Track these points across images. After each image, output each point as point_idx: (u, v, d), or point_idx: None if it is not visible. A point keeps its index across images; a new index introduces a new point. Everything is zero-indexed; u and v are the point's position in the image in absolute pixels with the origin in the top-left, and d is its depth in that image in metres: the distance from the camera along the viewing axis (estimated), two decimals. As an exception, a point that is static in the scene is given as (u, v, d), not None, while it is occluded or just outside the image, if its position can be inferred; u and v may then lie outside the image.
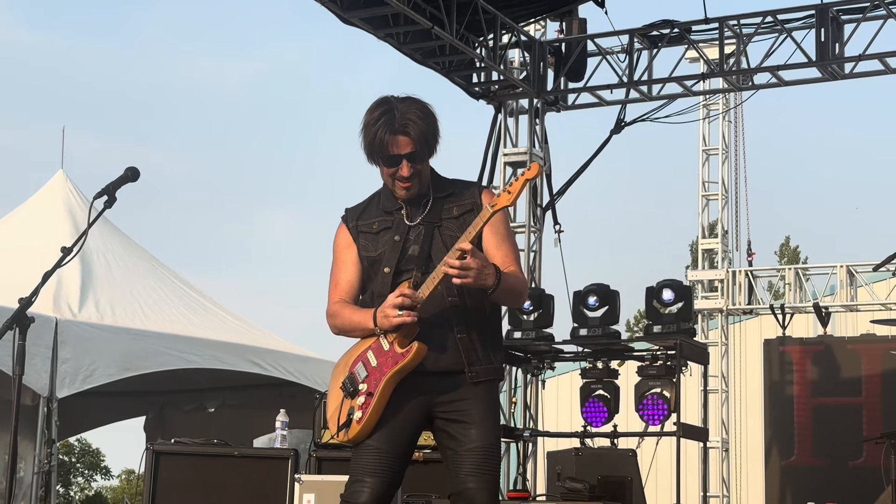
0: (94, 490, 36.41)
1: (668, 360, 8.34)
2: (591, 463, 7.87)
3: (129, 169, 4.31)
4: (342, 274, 4.14)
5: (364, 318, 4.00)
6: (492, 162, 11.21)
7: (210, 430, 10.06)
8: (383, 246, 4.07)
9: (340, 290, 4.13)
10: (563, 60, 11.29)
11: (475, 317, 4.02)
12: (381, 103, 4.02)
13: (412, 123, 3.97)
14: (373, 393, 3.93)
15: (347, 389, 4.00)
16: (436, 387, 3.98)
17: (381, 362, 3.95)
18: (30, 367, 8.57)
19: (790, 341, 11.87)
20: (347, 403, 3.99)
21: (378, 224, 4.11)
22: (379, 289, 4.03)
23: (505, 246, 4.05)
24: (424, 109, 4.02)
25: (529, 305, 8.92)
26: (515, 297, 4.12)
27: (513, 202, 3.88)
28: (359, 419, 3.94)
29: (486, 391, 4.02)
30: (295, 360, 11.00)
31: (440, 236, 4.03)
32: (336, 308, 4.11)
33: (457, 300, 3.98)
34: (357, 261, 4.12)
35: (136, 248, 11.49)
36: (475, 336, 4.01)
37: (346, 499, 3.94)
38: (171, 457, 7.12)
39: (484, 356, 4.02)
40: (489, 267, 3.90)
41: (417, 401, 3.97)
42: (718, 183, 14.17)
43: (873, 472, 8.21)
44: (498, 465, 4.02)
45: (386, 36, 10.23)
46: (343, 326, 4.10)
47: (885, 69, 10.46)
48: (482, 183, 11.11)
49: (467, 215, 4.04)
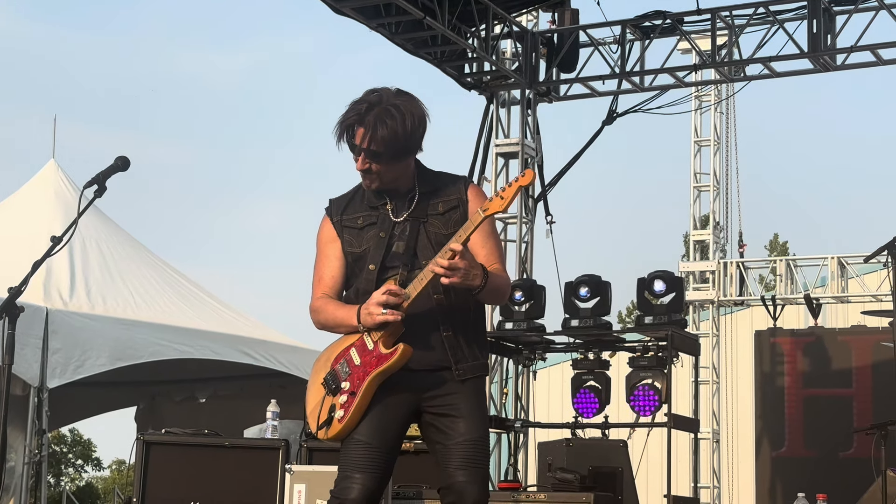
0: (85, 481, 36.38)
1: (659, 352, 8.35)
2: (582, 454, 7.88)
3: (119, 158, 4.29)
4: (326, 269, 4.10)
5: (348, 314, 3.98)
6: (483, 152, 11.21)
7: (201, 421, 10.05)
8: (368, 242, 4.04)
9: (324, 284, 4.09)
10: (555, 51, 11.28)
11: (460, 315, 4.00)
12: (371, 92, 3.98)
13: (383, 123, 3.90)
14: (356, 392, 3.91)
15: (329, 386, 3.97)
16: (423, 383, 3.96)
17: (365, 361, 3.93)
18: (20, 357, 8.59)
19: (781, 333, 11.88)
20: (329, 401, 3.96)
21: (363, 219, 4.07)
22: (364, 286, 4.00)
23: (489, 244, 4.03)
24: (408, 110, 3.95)
25: (521, 296, 8.92)
26: (500, 296, 4.10)
27: (505, 208, 3.85)
28: (340, 418, 3.92)
29: (474, 386, 4.01)
30: (286, 351, 10.99)
31: (425, 232, 4.01)
32: (319, 303, 4.08)
33: (442, 298, 3.96)
34: (341, 255, 4.09)
35: (127, 237, 11.47)
36: (461, 334, 4.00)
37: (337, 495, 3.91)
38: (162, 447, 7.10)
39: (470, 353, 4.01)
40: (477, 267, 3.88)
41: (405, 396, 3.96)
42: (710, 174, 14.17)
43: (864, 463, 8.21)
44: (487, 457, 4.01)
45: (378, 26, 10.21)
46: (326, 322, 4.07)
47: (877, 61, 10.47)
48: (472, 176, 11.12)
49: (452, 212, 4.02)
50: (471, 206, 4.03)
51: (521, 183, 3.83)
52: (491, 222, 4.05)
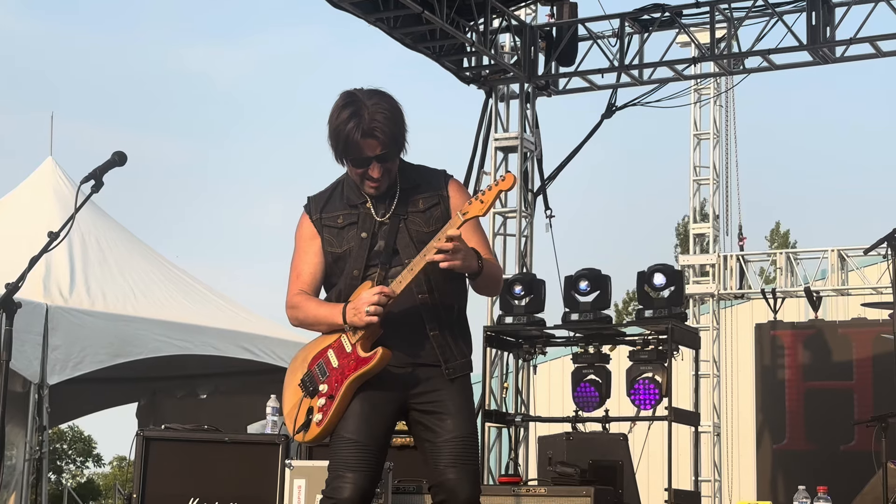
0: (86, 477, 36.42)
1: (659, 345, 8.35)
2: (583, 448, 7.88)
3: (116, 153, 4.28)
4: (304, 265, 4.07)
5: (330, 312, 3.95)
6: (483, 146, 11.20)
7: (202, 417, 10.05)
8: (349, 242, 4.00)
9: (302, 281, 4.06)
10: (553, 45, 11.27)
11: (445, 313, 3.99)
12: (348, 103, 3.91)
13: (380, 125, 3.88)
14: (334, 396, 3.89)
15: (307, 388, 3.95)
16: (410, 381, 3.95)
17: (343, 364, 3.91)
18: (20, 353, 8.59)
19: (781, 326, 11.88)
20: (306, 403, 3.94)
21: (343, 218, 4.04)
22: (347, 290, 3.97)
23: (475, 238, 4.01)
24: (393, 107, 3.93)
25: (521, 290, 8.91)
26: (495, 283, 4.10)
27: (484, 213, 3.85)
28: (318, 421, 3.90)
29: (461, 384, 3.99)
30: (287, 347, 10.96)
31: (406, 230, 3.98)
32: (298, 300, 4.04)
33: (427, 297, 3.95)
34: (320, 252, 4.05)
35: (126, 233, 11.46)
36: (447, 332, 3.98)
37: (329, 495, 3.90)
38: (162, 443, 7.09)
39: (458, 351, 4.00)
40: (472, 252, 3.89)
41: (392, 394, 3.94)
42: (710, 167, 14.15)
43: (864, 455, 8.22)
44: (477, 454, 3.99)
45: (376, 20, 10.20)
46: (305, 320, 4.04)
47: (876, 53, 10.45)
48: (472, 170, 11.12)
49: (433, 209, 4.01)
50: (452, 201, 4.02)
51: (501, 187, 3.83)
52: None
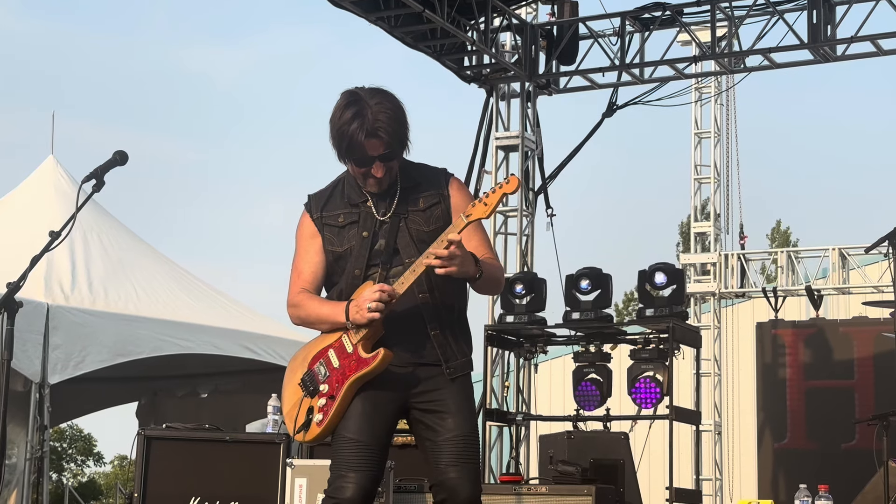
0: (87, 476, 36.41)
1: (660, 344, 8.35)
2: (584, 446, 7.88)
3: (117, 152, 4.29)
4: (306, 264, 4.06)
5: (333, 311, 3.94)
6: (484, 145, 11.20)
7: (203, 416, 10.05)
8: (350, 241, 4.00)
9: (304, 280, 4.05)
10: (554, 43, 11.27)
11: (446, 312, 3.99)
12: (351, 103, 3.91)
13: (384, 125, 3.88)
14: (335, 396, 3.89)
15: (307, 387, 3.95)
16: (411, 380, 3.95)
17: (344, 364, 3.91)
18: (21, 352, 8.59)
19: (782, 324, 11.88)
20: (306, 402, 3.93)
21: (344, 217, 4.03)
22: (348, 289, 3.97)
23: (476, 238, 4.01)
24: (395, 107, 3.93)
25: (522, 289, 8.91)
26: (495, 284, 4.10)
27: (488, 215, 3.85)
28: (319, 422, 3.90)
29: (462, 383, 3.99)
30: (289, 346, 10.96)
31: (406, 229, 3.98)
32: (300, 298, 4.04)
33: (427, 297, 3.95)
34: (321, 251, 4.05)
35: (127, 232, 11.45)
36: (448, 331, 3.99)
37: (332, 494, 3.89)
38: (163, 442, 7.09)
39: (459, 350, 4.00)
40: (470, 257, 3.88)
41: (393, 394, 3.94)
42: (711, 166, 14.15)
43: (865, 454, 8.22)
44: (477, 453, 3.99)
45: (377, 19, 10.20)
46: (308, 318, 4.03)
47: (877, 51, 10.45)
48: (473, 169, 11.12)
49: (433, 208, 4.00)
50: (452, 200, 4.02)
51: (504, 190, 3.82)
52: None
